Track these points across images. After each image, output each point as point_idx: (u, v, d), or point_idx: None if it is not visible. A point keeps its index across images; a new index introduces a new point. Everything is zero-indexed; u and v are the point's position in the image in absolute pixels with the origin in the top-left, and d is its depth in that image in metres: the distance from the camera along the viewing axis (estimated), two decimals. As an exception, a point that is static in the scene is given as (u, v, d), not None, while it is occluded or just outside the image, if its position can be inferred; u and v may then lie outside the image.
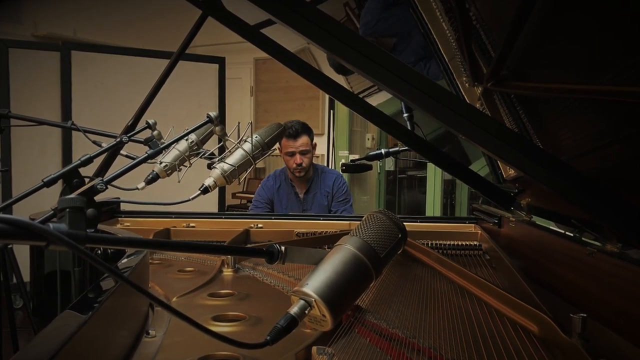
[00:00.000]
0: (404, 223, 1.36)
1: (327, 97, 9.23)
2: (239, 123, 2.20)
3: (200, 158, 2.43)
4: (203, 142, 2.45)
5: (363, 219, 1.35)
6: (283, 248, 1.19)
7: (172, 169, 2.29)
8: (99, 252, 2.04)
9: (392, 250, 1.31)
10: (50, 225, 0.79)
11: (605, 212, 1.50)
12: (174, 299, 2.07)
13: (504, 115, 2.33)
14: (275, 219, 3.66)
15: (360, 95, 6.73)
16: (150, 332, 1.66)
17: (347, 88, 3.15)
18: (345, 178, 4.95)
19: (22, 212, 2.18)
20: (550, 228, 2.41)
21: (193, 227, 3.55)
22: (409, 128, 2.77)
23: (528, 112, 2.16)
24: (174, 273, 2.55)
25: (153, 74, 2.69)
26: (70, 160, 6.10)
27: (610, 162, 1.72)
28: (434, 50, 2.78)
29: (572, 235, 2.07)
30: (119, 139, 2.29)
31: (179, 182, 2.22)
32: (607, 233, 1.76)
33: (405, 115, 2.80)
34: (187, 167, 2.34)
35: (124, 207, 3.70)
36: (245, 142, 2.20)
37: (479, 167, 4.97)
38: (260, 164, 9.58)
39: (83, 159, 2.09)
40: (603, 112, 1.61)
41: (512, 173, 2.88)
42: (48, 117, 4.21)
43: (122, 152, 2.47)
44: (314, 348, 1.47)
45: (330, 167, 8.07)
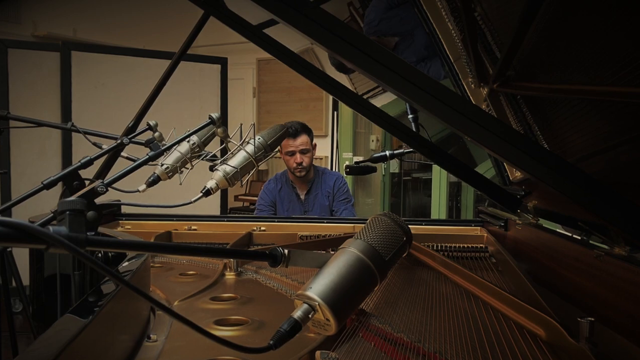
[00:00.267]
0: (409, 226, 1.36)
1: (330, 98, 9.23)
2: (242, 124, 2.21)
3: (202, 160, 2.43)
4: (205, 143, 2.45)
5: (367, 222, 1.35)
6: (286, 251, 1.19)
7: (173, 171, 2.29)
8: (100, 255, 2.04)
9: (396, 254, 1.31)
10: (50, 228, 0.79)
11: (613, 214, 1.50)
12: (176, 303, 2.07)
13: (510, 117, 2.33)
14: (279, 222, 3.66)
15: (365, 96, 6.74)
16: (152, 336, 1.66)
17: (351, 89, 3.15)
18: (350, 180, 4.98)
19: (21, 214, 2.19)
20: (557, 231, 2.41)
21: (195, 230, 3.55)
22: (414, 129, 2.76)
23: (534, 113, 2.16)
24: (176, 276, 2.55)
25: (154, 75, 2.70)
26: (70, 162, 6.11)
27: (618, 163, 1.72)
28: (439, 51, 2.78)
29: (579, 238, 2.07)
30: (120, 141, 2.29)
31: (181, 184, 2.23)
32: (614, 236, 1.76)
33: (410, 117, 2.79)
34: (188, 169, 2.34)
35: (125, 209, 3.70)
36: (248, 143, 2.20)
37: (485, 169, 4.98)
38: (263, 166, 9.59)
39: (83, 161, 2.09)
40: (610, 113, 1.61)
41: (518, 175, 2.88)
42: (48, 118, 4.23)
43: (122, 153, 2.47)
44: (318, 352, 1.47)
45: (334, 169, 8.07)
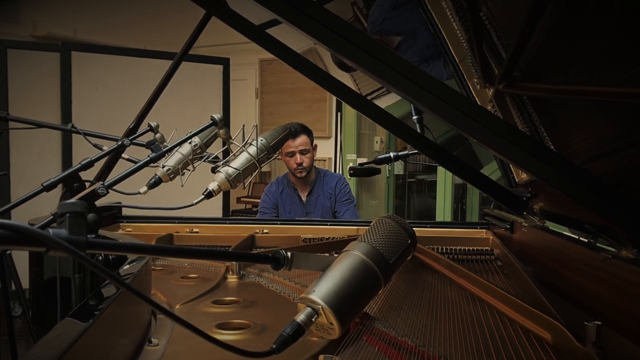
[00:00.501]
0: (414, 228, 1.36)
1: (334, 99, 9.23)
2: (244, 126, 2.21)
3: (204, 162, 2.43)
4: (207, 145, 2.46)
5: (371, 225, 1.36)
6: (289, 254, 1.19)
7: (175, 173, 2.29)
8: (100, 258, 2.04)
9: (401, 257, 1.31)
10: (50, 231, 0.80)
11: (621, 216, 1.50)
12: (177, 307, 2.07)
13: (516, 118, 2.33)
14: (281, 224, 3.66)
15: (369, 97, 6.75)
16: (153, 340, 1.66)
17: (354, 90, 3.16)
18: (353, 182, 5.00)
19: (20, 217, 2.19)
20: (564, 233, 2.41)
21: (197, 232, 3.55)
22: (419, 131, 2.76)
23: (541, 114, 2.16)
24: (177, 280, 2.55)
25: (155, 75, 2.70)
26: (71, 164, 6.09)
27: (626, 165, 1.72)
28: (444, 51, 2.78)
29: (586, 241, 2.06)
30: (121, 142, 2.30)
31: (182, 186, 2.23)
32: (622, 238, 1.76)
33: (415, 118, 2.80)
34: (190, 171, 2.35)
35: (126, 212, 3.70)
36: (250, 145, 2.20)
37: (491, 170, 4.98)
38: (266, 168, 9.61)
39: (83, 163, 2.09)
40: (618, 114, 1.61)
41: (524, 177, 2.87)
42: (47, 119, 4.24)
43: (123, 155, 2.47)
44: (321, 357, 1.47)
45: (338, 170, 8.08)
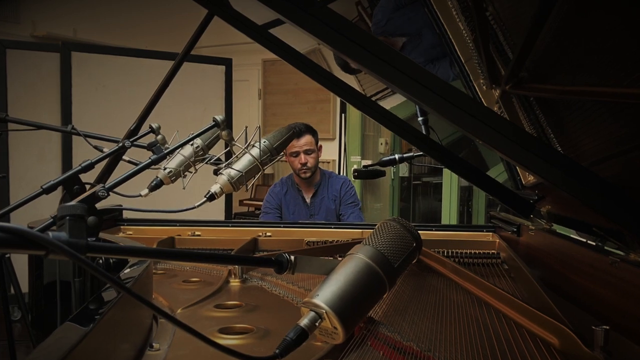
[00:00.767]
0: (419, 231, 1.37)
1: (338, 100, 9.24)
2: (247, 127, 2.21)
3: (206, 164, 2.43)
4: (209, 147, 2.46)
5: (376, 228, 1.36)
6: (292, 257, 1.19)
7: (176, 175, 2.29)
8: (101, 261, 2.05)
9: (406, 260, 1.32)
10: (50, 234, 0.80)
11: (628, 219, 1.50)
12: (179, 311, 2.07)
13: (523, 119, 2.33)
14: (285, 227, 3.66)
15: (373, 98, 6.74)
16: (154, 345, 1.66)
17: (359, 91, 3.15)
18: (358, 185, 5.00)
19: (20, 220, 2.19)
20: (571, 236, 2.41)
21: (198, 235, 3.55)
22: (424, 132, 2.77)
23: (548, 115, 2.16)
24: (179, 283, 2.55)
25: (157, 76, 2.70)
26: (71, 166, 6.11)
27: (634, 167, 1.72)
28: (450, 52, 2.78)
29: (594, 244, 2.06)
30: (121, 144, 2.30)
31: (184, 188, 2.23)
32: (630, 241, 1.75)
33: (420, 119, 2.80)
34: (192, 173, 2.35)
35: (127, 214, 3.71)
36: (253, 147, 2.20)
37: (497, 173, 4.97)
38: (269, 170, 9.60)
39: (84, 165, 2.10)
40: (626, 116, 1.60)
41: (531, 179, 2.87)
42: (47, 120, 4.25)
43: (124, 157, 2.48)
44: (325, 362, 1.47)
45: (342, 173, 8.08)
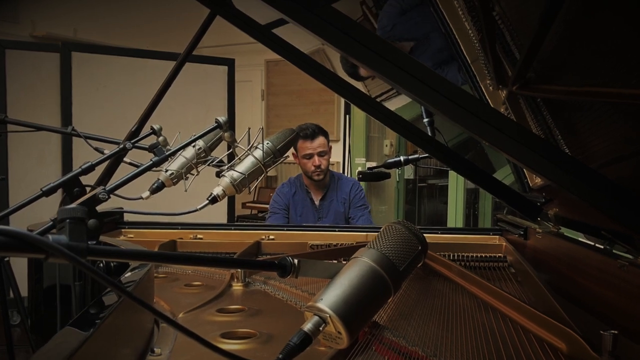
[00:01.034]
0: (424, 234, 1.36)
1: (342, 101, 9.24)
2: (250, 129, 2.21)
3: (209, 166, 2.44)
4: (211, 148, 2.46)
5: (381, 231, 1.36)
6: (296, 261, 1.19)
7: (178, 178, 2.30)
8: (101, 265, 2.05)
9: (411, 264, 1.31)
10: (50, 237, 0.80)
11: (638, 222, 1.49)
12: (181, 315, 2.07)
13: (530, 120, 2.33)
14: (288, 231, 3.66)
15: (378, 99, 6.74)
16: (155, 350, 1.66)
17: (363, 92, 3.16)
18: (362, 187, 4.99)
19: (19, 223, 2.19)
20: (579, 240, 2.41)
21: (201, 238, 3.55)
22: (430, 134, 2.77)
23: (555, 117, 2.16)
24: (181, 287, 2.55)
25: (158, 77, 2.70)
26: (71, 168, 6.12)
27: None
28: (456, 52, 2.78)
29: (602, 248, 2.06)
30: (122, 146, 2.30)
31: (186, 191, 2.23)
32: (639, 245, 1.75)
33: (426, 121, 2.80)
34: (194, 175, 2.35)
35: (128, 217, 3.71)
36: (256, 148, 2.21)
37: (504, 175, 4.97)
38: (272, 172, 9.60)
39: (84, 167, 2.10)
40: (635, 117, 1.60)
41: (538, 181, 2.87)
42: (47, 122, 4.24)
43: (125, 159, 2.48)
44: (329, 367, 1.47)
45: (346, 175, 8.08)
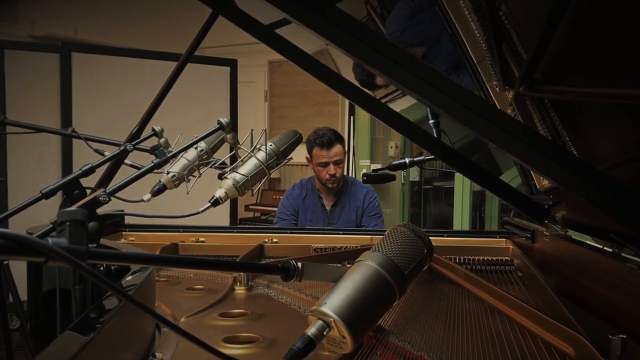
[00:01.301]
0: (430, 237, 1.37)
1: (346, 102, 9.24)
2: (252, 130, 2.21)
3: (211, 168, 2.44)
4: (213, 150, 2.46)
5: (386, 234, 1.36)
6: (299, 264, 1.19)
7: (180, 180, 2.30)
8: (102, 268, 2.05)
9: (417, 267, 1.32)
10: (49, 240, 0.80)
11: (647, 225, 1.50)
12: (182, 319, 2.08)
13: (537, 122, 2.33)
14: (292, 234, 3.66)
15: (383, 101, 6.73)
16: (157, 354, 1.67)
17: (368, 93, 3.15)
18: (377, 194, 4.95)
19: (18, 225, 2.20)
20: (587, 243, 2.41)
21: (203, 241, 3.55)
22: (435, 135, 2.77)
23: (563, 118, 2.16)
24: (182, 291, 2.55)
25: (160, 77, 2.70)
26: (71, 170, 6.12)
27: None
28: (462, 52, 2.78)
29: (610, 251, 2.06)
30: (123, 147, 2.30)
31: (188, 193, 2.23)
32: (648, 248, 1.76)
33: (431, 122, 2.80)
34: (196, 177, 2.35)
35: (129, 220, 3.71)
36: (259, 150, 2.21)
37: (511, 177, 4.96)
38: (275, 174, 9.61)
39: (84, 169, 2.10)
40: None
41: (546, 184, 2.87)
42: (47, 123, 4.24)
43: (126, 161, 2.48)
44: (333, 372, 1.48)
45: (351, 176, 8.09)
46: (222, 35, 5.92)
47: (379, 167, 3.28)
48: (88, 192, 2.09)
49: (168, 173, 2.27)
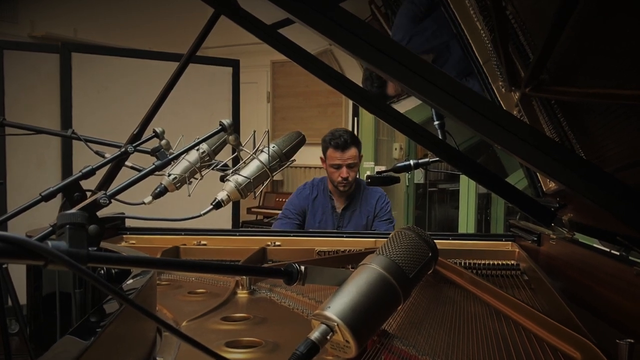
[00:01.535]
0: (435, 240, 1.36)
1: (350, 103, 9.25)
2: (255, 131, 2.21)
3: (213, 170, 2.44)
4: (215, 152, 2.46)
5: (390, 237, 1.36)
6: (303, 268, 1.19)
7: (181, 182, 2.30)
8: (102, 272, 2.05)
9: (421, 270, 1.31)
10: (49, 243, 0.80)
11: (655, 228, 1.49)
12: (184, 323, 2.08)
13: (544, 123, 2.33)
14: (295, 237, 3.66)
15: (387, 101, 6.73)
16: (158, 359, 1.67)
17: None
18: (389, 200, 4.91)
19: (18, 228, 2.20)
20: (594, 246, 2.41)
21: (204, 245, 3.55)
22: (440, 137, 2.76)
23: (570, 119, 2.16)
24: (184, 295, 2.56)
25: (161, 78, 2.70)
26: (71, 172, 6.12)
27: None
28: (467, 53, 2.78)
29: (618, 254, 2.06)
30: (124, 149, 2.30)
31: (189, 196, 2.23)
32: (656, 251, 1.75)
33: (436, 123, 2.80)
34: (198, 179, 2.35)
35: (129, 223, 3.72)
36: (262, 152, 2.21)
37: (517, 179, 4.96)
38: (278, 177, 9.60)
39: (84, 171, 2.10)
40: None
41: (552, 186, 2.87)
42: (46, 125, 4.25)
43: (127, 163, 2.48)
44: (336, 377, 1.47)
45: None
46: (224, 36, 5.93)
47: (383, 169, 3.27)
48: (88, 194, 2.09)
49: (169, 175, 2.27)
